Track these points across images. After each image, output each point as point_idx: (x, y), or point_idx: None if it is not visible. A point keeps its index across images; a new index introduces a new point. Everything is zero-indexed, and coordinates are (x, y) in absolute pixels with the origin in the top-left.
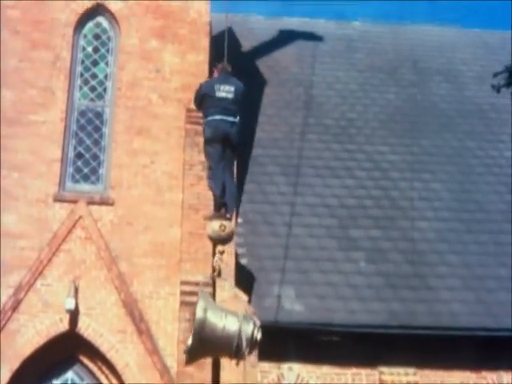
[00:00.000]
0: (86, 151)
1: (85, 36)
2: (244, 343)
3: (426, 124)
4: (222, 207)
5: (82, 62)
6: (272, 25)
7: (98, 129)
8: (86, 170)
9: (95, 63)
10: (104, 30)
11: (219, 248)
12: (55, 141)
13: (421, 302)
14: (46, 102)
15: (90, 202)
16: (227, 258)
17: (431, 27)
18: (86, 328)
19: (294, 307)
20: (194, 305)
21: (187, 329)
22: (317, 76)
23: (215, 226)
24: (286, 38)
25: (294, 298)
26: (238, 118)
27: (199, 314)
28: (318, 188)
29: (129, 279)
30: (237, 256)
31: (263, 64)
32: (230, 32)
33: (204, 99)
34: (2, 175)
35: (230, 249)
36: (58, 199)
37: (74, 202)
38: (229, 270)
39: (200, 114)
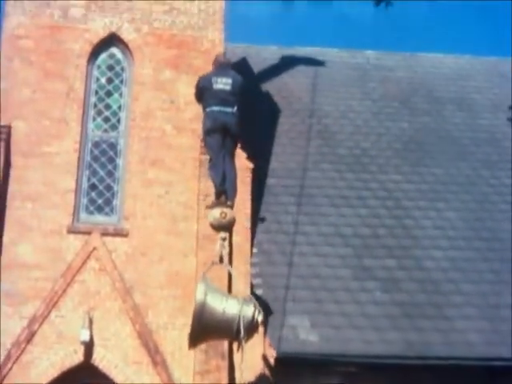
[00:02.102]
0: (99, 182)
1: (98, 67)
2: (242, 326)
3: (439, 153)
4: (222, 195)
5: (96, 92)
6: (285, 54)
7: (111, 160)
8: (100, 201)
9: (109, 94)
10: (118, 61)
11: (221, 235)
12: (69, 172)
13: (436, 331)
14: (60, 133)
15: (104, 233)
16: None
17: (444, 55)
18: (100, 359)
19: (309, 337)
20: None
21: (203, 360)
22: (330, 105)
23: (216, 213)
24: (298, 67)
25: (309, 329)
26: (236, 108)
27: (199, 297)
28: (332, 217)
29: (144, 310)
30: (252, 286)
31: (277, 93)
32: (244, 62)
33: (203, 92)
34: (15, 206)
35: (245, 279)
36: (71, 230)
37: (88, 233)
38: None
39: None
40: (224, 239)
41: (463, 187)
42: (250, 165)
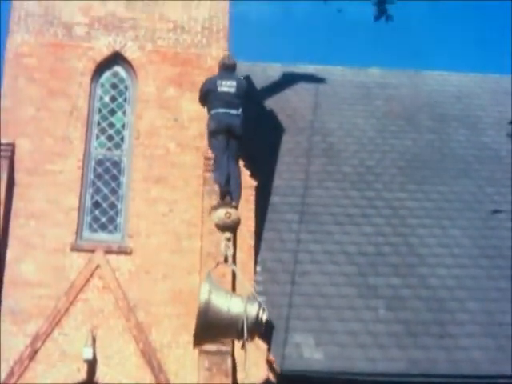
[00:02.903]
0: (103, 200)
1: (102, 85)
2: (245, 324)
3: (444, 170)
4: (226, 196)
5: (99, 111)
6: (289, 72)
7: (115, 178)
8: (103, 219)
9: (112, 112)
10: (121, 79)
11: (226, 235)
12: (72, 190)
13: (441, 349)
14: (63, 151)
15: (108, 251)
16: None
17: (449, 73)
18: (103, 377)
19: (314, 355)
20: (214, 354)
21: (207, 377)
22: (335, 123)
23: (221, 213)
24: (302, 85)
25: (313, 347)
26: (241, 110)
27: (203, 295)
28: (336, 235)
29: (147, 328)
30: None
31: (281, 111)
32: (248, 81)
33: (207, 95)
34: (19, 224)
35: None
36: (75, 248)
37: (92, 251)
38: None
39: None
40: (229, 239)
41: (468, 205)
42: (254, 182)
